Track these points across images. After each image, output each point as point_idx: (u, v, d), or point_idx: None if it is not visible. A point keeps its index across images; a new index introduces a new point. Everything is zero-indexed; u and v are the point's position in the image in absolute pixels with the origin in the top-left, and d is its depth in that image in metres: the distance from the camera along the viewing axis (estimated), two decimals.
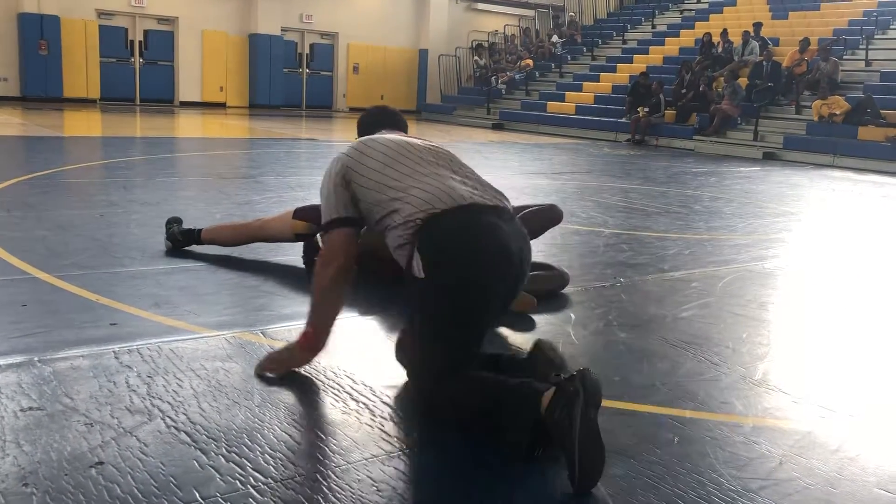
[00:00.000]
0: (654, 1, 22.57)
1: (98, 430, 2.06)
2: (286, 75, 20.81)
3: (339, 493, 1.83)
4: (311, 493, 1.83)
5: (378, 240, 2.53)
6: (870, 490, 1.99)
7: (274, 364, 2.52)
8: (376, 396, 2.39)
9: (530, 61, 21.04)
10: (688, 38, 19.16)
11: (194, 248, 4.07)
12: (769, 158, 13.70)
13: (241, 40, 19.96)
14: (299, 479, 1.89)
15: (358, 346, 2.87)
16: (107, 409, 2.18)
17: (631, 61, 19.03)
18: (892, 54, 15.42)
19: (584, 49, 21.36)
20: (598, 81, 18.96)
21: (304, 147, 11.60)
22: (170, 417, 2.16)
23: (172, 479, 1.84)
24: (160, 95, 19.12)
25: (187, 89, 19.43)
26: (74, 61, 17.58)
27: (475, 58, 21.81)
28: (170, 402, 2.25)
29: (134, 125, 13.95)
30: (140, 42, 18.89)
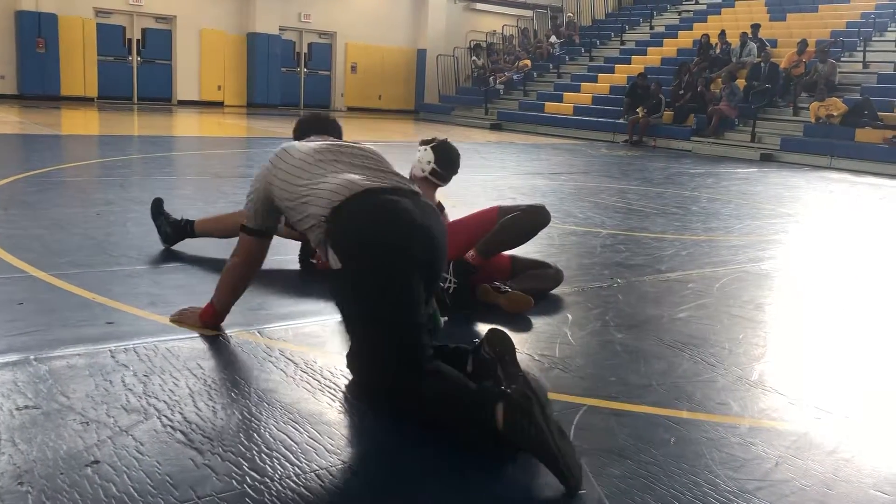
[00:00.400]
0: (653, 2, 22.58)
1: (94, 428, 2.06)
2: (284, 74, 20.79)
3: (335, 492, 1.83)
4: (307, 492, 1.83)
5: None
6: (865, 491, 2.00)
7: (183, 320, 2.89)
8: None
9: (528, 62, 21.06)
10: (686, 39, 19.19)
11: (192, 247, 4.07)
12: (766, 160, 13.72)
13: (240, 39, 19.94)
14: (295, 478, 1.89)
15: None
16: (103, 407, 2.18)
17: (629, 62, 19.05)
18: (890, 56, 15.45)
19: (582, 50, 21.37)
20: (596, 82, 18.97)
21: None
22: (166, 416, 2.15)
23: (168, 478, 1.84)
24: (158, 94, 19.09)
25: (185, 88, 19.41)
26: (72, 59, 17.55)
27: (473, 58, 21.81)
28: (166, 402, 2.25)
29: (131, 124, 13.93)
30: (138, 40, 18.85)
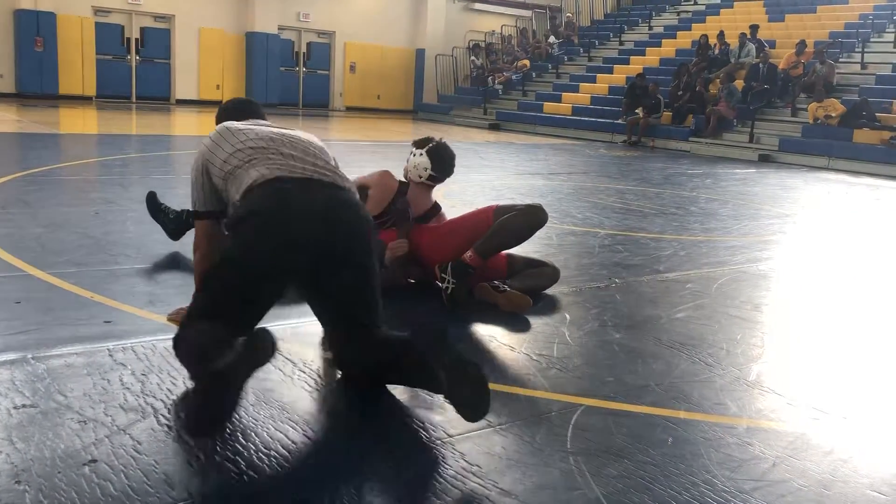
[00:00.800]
0: (651, 2, 22.59)
1: (92, 427, 2.05)
2: (283, 74, 20.77)
3: (334, 491, 1.83)
4: (305, 491, 1.83)
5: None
6: (863, 492, 2.00)
7: (176, 318, 2.84)
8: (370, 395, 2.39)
9: (527, 62, 21.06)
10: (684, 39, 19.19)
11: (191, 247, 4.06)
12: (765, 160, 13.73)
13: (238, 38, 19.92)
14: (293, 478, 1.88)
15: None
16: (100, 406, 2.18)
17: (627, 63, 19.06)
18: (888, 57, 15.47)
19: (581, 50, 21.38)
20: (595, 82, 18.97)
21: None
22: (163, 415, 2.15)
23: (165, 477, 1.84)
24: (156, 93, 19.06)
25: (184, 87, 19.39)
26: (70, 58, 17.52)
27: (472, 58, 21.80)
28: (164, 401, 2.25)
29: (130, 123, 13.92)
30: (136, 39, 18.82)
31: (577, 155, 12.74)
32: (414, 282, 3.70)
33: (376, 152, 11.02)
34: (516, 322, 3.25)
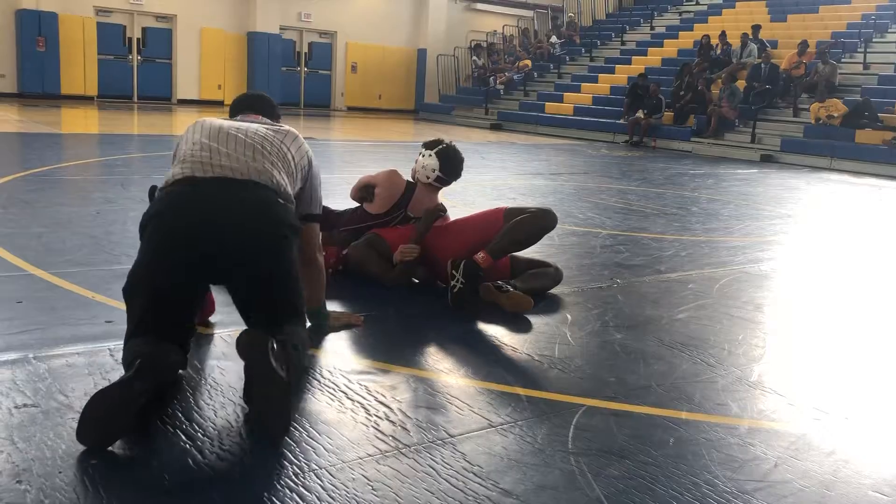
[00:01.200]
0: (653, 3, 22.58)
1: None
2: (284, 74, 20.78)
3: (333, 491, 1.83)
4: (305, 491, 1.83)
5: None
6: (864, 493, 2.00)
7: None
8: (371, 395, 2.39)
9: (528, 62, 21.05)
10: (686, 40, 19.18)
11: None
12: (766, 161, 13.72)
13: (240, 38, 19.93)
14: (294, 477, 1.88)
15: (353, 345, 2.87)
16: None
17: (629, 63, 19.04)
18: (890, 57, 15.45)
19: (583, 50, 21.37)
20: (597, 83, 18.97)
21: None
22: (165, 415, 2.15)
23: (167, 477, 1.84)
24: (158, 93, 19.07)
25: (185, 87, 19.40)
26: (72, 58, 17.53)
27: (473, 58, 21.81)
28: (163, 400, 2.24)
29: (131, 122, 13.93)
30: (138, 39, 18.85)
31: (578, 155, 12.73)
32: (418, 282, 3.70)
33: (377, 152, 11.02)
34: (518, 322, 3.25)
